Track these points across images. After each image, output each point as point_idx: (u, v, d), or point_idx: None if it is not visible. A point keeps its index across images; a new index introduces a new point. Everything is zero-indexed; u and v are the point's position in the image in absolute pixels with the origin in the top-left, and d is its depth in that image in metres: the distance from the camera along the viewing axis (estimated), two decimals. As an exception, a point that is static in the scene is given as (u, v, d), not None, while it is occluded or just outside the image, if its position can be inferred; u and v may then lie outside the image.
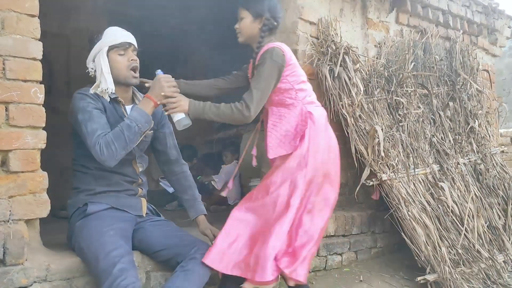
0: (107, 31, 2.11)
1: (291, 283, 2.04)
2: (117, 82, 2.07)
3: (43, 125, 1.91)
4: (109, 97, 2.05)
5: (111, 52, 2.06)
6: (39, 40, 1.90)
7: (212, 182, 4.15)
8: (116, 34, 2.09)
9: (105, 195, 2.07)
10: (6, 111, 1.80)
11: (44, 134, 1.91)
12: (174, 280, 1.90)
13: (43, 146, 1.91)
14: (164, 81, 1.99)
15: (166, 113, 2.06)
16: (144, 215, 2.19)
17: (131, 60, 2.08)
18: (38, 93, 1.88)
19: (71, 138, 2.12)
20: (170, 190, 3.79)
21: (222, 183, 4.07)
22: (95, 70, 2.08)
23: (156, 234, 2.10)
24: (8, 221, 1.81)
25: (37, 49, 1.88)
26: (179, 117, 2.04)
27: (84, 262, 1.93)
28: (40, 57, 1.89)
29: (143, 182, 2.25)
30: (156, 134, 2.29)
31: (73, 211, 2.09)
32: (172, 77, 2.06)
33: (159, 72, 2.06)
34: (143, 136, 2.00)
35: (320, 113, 2.19)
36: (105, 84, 2.02)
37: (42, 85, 1.90)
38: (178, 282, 1.88)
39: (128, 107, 2.15)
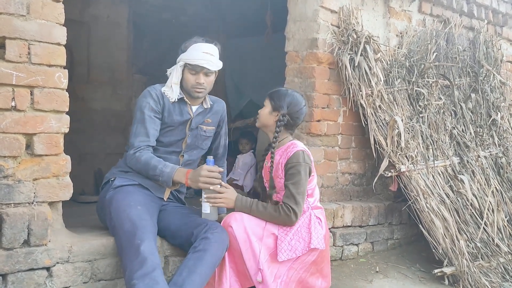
0: (192, 47, 2.21)
1: None
2: (185, 91, 2.27)
3: (67, 109, 1.94)
4: (176, 98, 2.24)
5: (186, 67, 2.23)
6: (63, 26, 1.92)
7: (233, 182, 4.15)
8: (194, 55, 2.19)
9: (134, 174, 2.19)
10: (31, 95, 1.84)
11: (67, 118, 1.94)
12: (187, 262, 1.93)
13: (66, 130, 1.94)
14: (204, 175, 2.05)
15: (209, 203, 2.13)
16: (165, 199, 2.26)
17: (197, 82, 2.21)
18: (62, 78, 1.91)
19: None
20: None
21: (242, 179, 4.08)
22: (170, 73, 2.27)
23: (175, 215, 2.20)
24: (33, 203, 1.85)
25: (62, 34, 1.90)
26: (208, 210, 2.12)
27: (111, 231, 2.04)
28: (64, 42, 1.91)
29: None
30: (215, 131, 2.43)
31: (104, 182, 2.26)
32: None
33: (208, 161, 2.13)
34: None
35: (325, 217, 2.31)
36: (171, 93, 2.23)
37: (66, 70, 1.93)
38: (191, 263, 1.92)
39: (194, 107, 2.31)
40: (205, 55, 2.19)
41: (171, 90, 2.23)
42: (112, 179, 2.22)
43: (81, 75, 4.48)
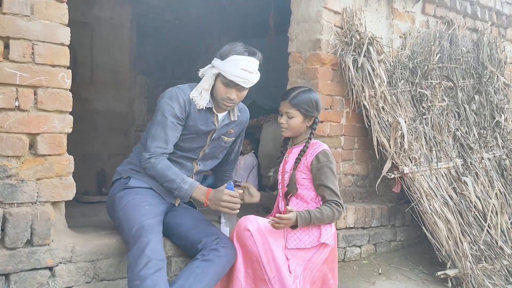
0: (231, 58, 2.09)
1: None
2: (214, 98, 2.19)
3: (70, 109, 1.94)
4: (205, 106, 2.16)
5: (220, 77, 2.12)
6: (66, 26, 1.92)
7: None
8: (231, 69, 2.07)
9: (148, 176, 2.15)
10: (34, 95, 1.84)
11: (70, 118, 1.95)
12: (194, 269, 1.94)
13: (70, 130, 1.94)
14: (226, 200, 2.02)
15: (227, 228, 2.13)
16: (177, 204, 2.26)
17: (227, 96, 2.13)
18: (66, 78, 1.91)
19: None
20: None
21: (245, 180, 4.08)
22: (202, 74, 2.19)
23: (187, 217, 2.20)
24: (36, 203, 1.86)
25: (65, 35, 1.90)
26: (227, 234, 2.13)
27: (118, 229, 2.06)
28: (68, 42, 1.92)
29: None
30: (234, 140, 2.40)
31: (116, 178, 2.24)
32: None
33: (229, 185, 2.09)
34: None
35: None
36: (199, 99, 2.14)
37: (69, 71, 1.94)
38: (198, 271, 1.92)
39: (221, 115, 2.24)
40: (243, 72, 2.07)
41: (200, 96, 2.14)
42: (124, 177, 2.20)
43: (84, 76, 4.49)
